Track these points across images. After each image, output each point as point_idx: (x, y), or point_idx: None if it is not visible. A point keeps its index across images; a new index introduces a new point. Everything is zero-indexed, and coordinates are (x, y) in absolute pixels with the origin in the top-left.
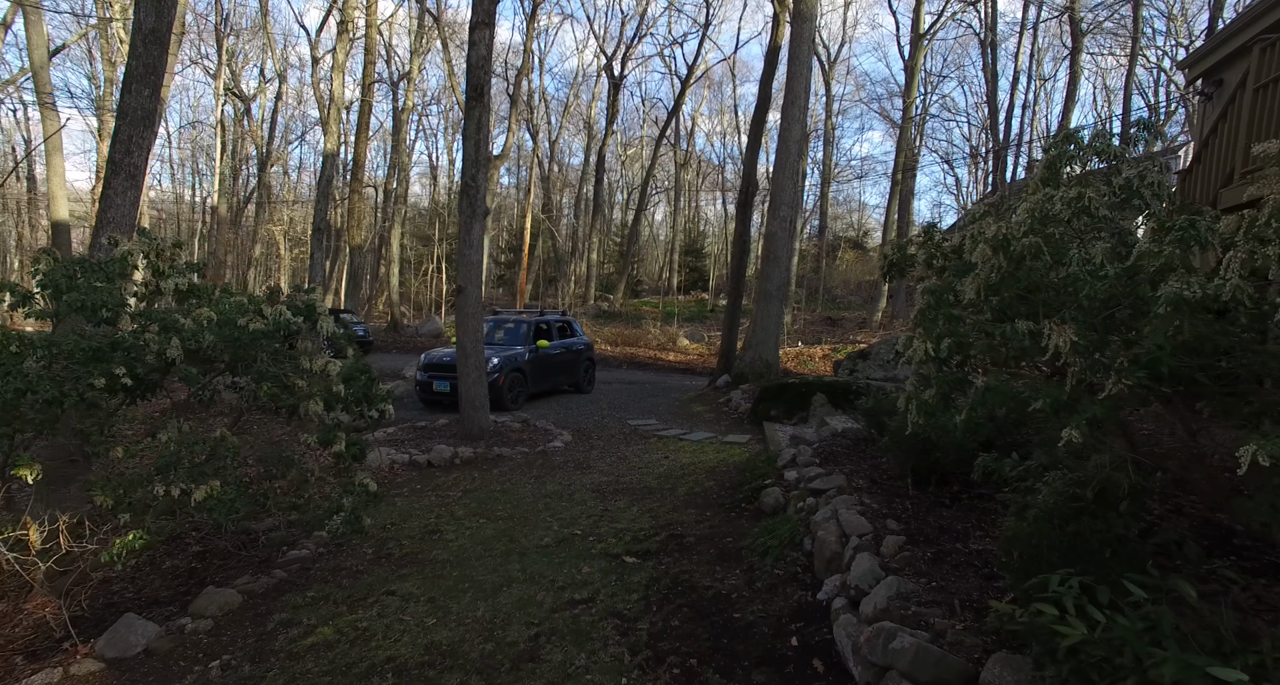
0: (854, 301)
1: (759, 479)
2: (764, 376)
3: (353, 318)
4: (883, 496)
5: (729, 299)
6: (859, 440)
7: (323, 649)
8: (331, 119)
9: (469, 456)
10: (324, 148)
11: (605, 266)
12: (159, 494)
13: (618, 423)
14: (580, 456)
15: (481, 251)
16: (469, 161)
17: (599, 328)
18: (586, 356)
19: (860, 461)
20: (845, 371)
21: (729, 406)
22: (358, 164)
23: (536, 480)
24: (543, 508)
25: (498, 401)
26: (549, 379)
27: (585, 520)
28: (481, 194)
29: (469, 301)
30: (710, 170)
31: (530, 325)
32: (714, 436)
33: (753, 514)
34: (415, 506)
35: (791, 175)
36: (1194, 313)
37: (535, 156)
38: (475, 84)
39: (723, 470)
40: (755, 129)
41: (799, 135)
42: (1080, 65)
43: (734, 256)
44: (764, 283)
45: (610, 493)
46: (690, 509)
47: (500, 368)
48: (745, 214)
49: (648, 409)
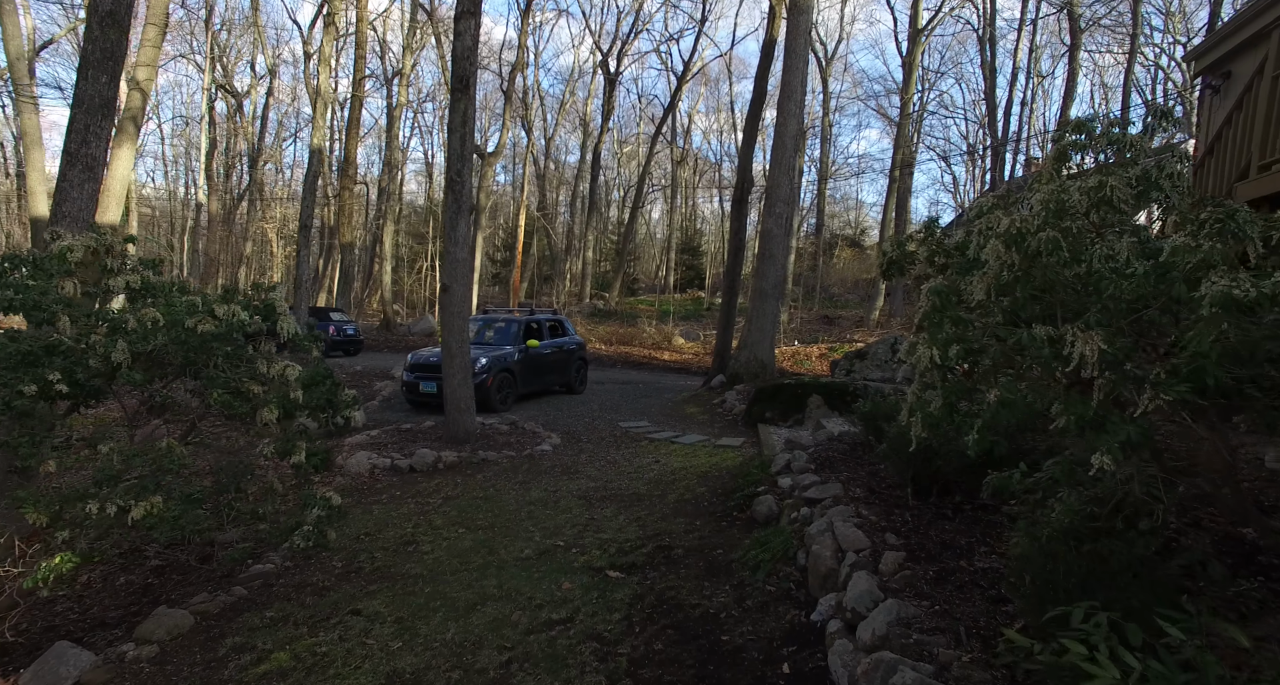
0: (851, 300)
1: (752, 486)
2: (759, 377)
3: (343, 316)
4: (881, 507)
5: (724, 298)
6: (856, 445)
7: (275, 678)
8: (318, 114)
9: (452, 461)
10: (311, 143)
11: (601, 264)
12: (92, 512)
13: (608, 425)
14: (568, 461)
15: (468, 249)
16: (454, 155)
17: (594, 326)
18: (578, 356)
19: (858, 469)
20: (842, 372)
21: (723, 408)
22: (349, 161)
23: (521, 486)
24: (525, 516)
25: (485, 403)
26: (539, 379)
27: (569, 530)
28: (467, 189)
29: (455, 300)
30: (707, 168)
31: (520, 324)
32: (707, 439)
33: (745, 523)
34: (393, 515)
35: (788, 171)
36: (1241, 315)
37: (530, 154)
38: (461, 75)
39: (715, 475)
40: (750, 124)
41: (795, 130)
42: (1079, 62)
43: (729, 254)
44: (759, 281)
45: (597, 499)
46: (680, 517)
47: (488, 368)
48: (740, 211)
49: (640, 410)
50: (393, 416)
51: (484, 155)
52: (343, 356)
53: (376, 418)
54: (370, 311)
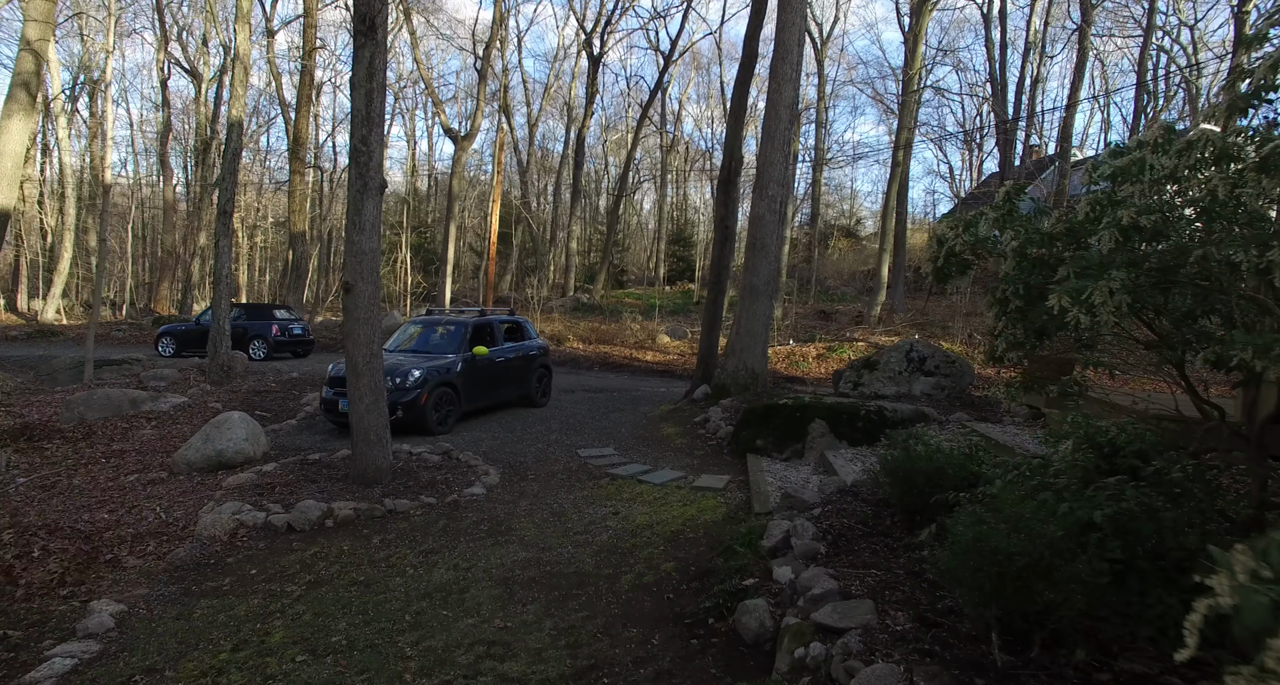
0: (847, 293)
1: (736, 572)
2: (749, 388)
3: (289, 314)
4: (947, 668)
5: (709, 294)
6: (880, 505)
7: None
8: (236, 82)
9: (347, 516)
10: (229, 115)
11: (588, 256)
12: None
13: (565, 453)
14: (502, 511)
15: (377, 237)
16: (358, 118)
17: (574, 323)
18: (540, 363)
19: (891, 558)
20: (848, 384)
21: (706, 428)
22: (298, 141)
23: (425, 559)
24: (409, 623)
25: (420, 424)
26: (490, 392)
27: (463, 657)
28: (376, 161)
29: (361, 303)
30: (698, 157)
31: (467, 328)
32: (683, 476)
33: (725, 645)
34: (221, 620)
35: (782, 146)
36: None
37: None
38: (364, 14)
39: (688, 539)
40: (739, 93)
41: (791, 98)
42: (1089, 41)
43: (715, 244)
44: (750, 276)
45: (522, 586)
46: (632, 626)
47: (423, 382)
48: (728, 194)
49: (608, 430)
50: (306, 441)
51: (457, 138)
52: (291, 358)
53: (287, 442)
54: (339, 308)
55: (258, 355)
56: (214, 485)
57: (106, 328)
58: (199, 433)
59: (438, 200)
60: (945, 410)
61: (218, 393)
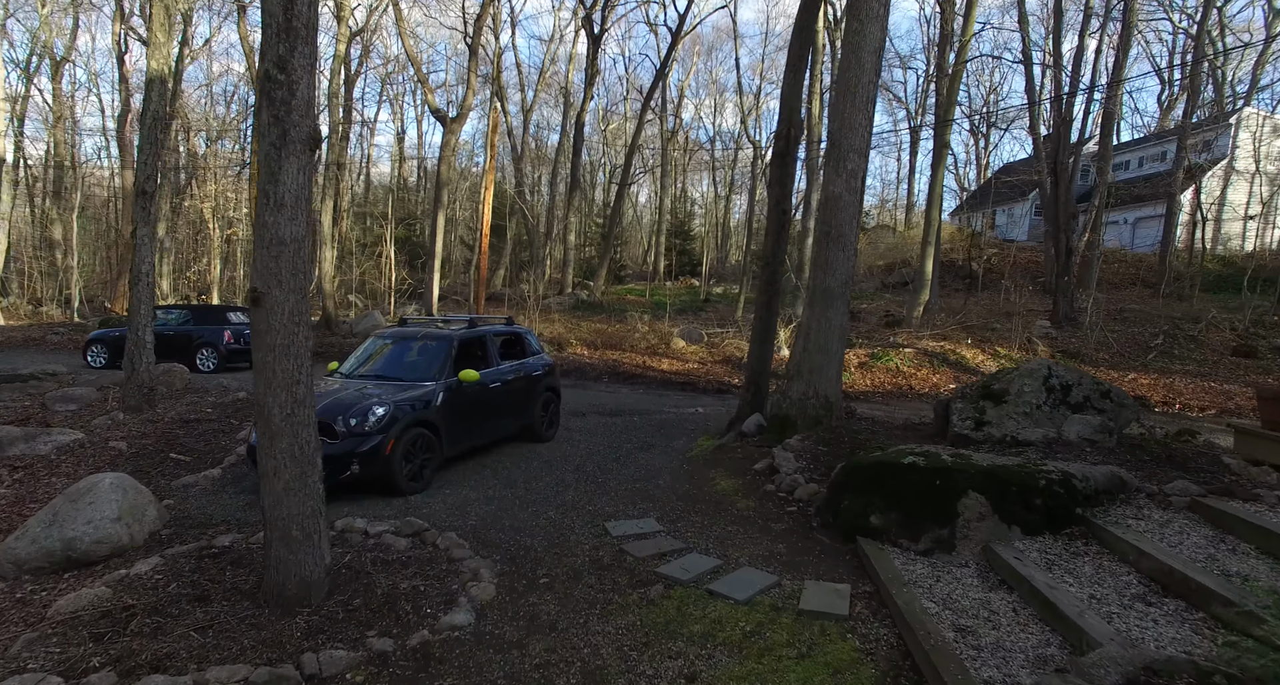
0: (866, 289)
1: None
2: (820, 422)
3: (243, 317)
4: None
5: (761, 296)
6: None
7: None
8: (155, 28)
9: None
10: (146, 71)
11: (586, 250)
12: None
13: (589, 526)
14: (501, 674)
15: (303, 219)
16: (273, 34)
17: (576, 323)
18: (545, 385)
19: None
20: (967, 422)
21: (775, 482)
22: None
23: None
24: None
25: (384, 481)
26: (481, 429)
27: None
28: (302, 98)
29: (276, 321)
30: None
31: (451, 344)
32: (775, 583)
33: None
34: None
35: (864, 107)
36: None
37: (499, 112)
38: None
39: None
40: (799, 39)
41: (877, 42)
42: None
43: (769, 233)
44: (821, 275)
45: None
46: None
47: (389, 423)
48: (784, 169)
49: (640, 482)
50: (224, 507)
51: (446, 120)
52: (248, 370)
53: (195, 509)
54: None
55: (207, 366)
56: (37, 612)
57: (44, 329)
58: (46, 508)
59: (426, 193)
60: (1130, 466)
61: (130, 424)
